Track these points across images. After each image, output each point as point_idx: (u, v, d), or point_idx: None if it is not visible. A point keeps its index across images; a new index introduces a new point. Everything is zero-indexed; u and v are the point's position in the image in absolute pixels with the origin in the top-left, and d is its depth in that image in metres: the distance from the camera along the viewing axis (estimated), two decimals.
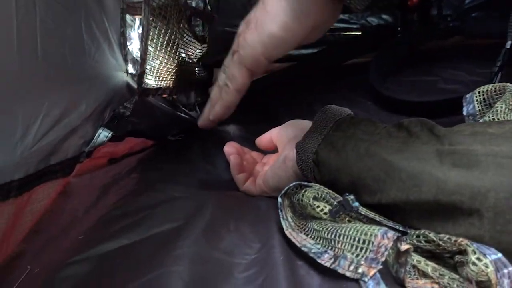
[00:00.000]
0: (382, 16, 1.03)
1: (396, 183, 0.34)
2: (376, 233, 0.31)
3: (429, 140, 0.35)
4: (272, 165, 0.49)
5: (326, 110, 0.46)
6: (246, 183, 0.52)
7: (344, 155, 0.39)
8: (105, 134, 0.49)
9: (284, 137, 0.51)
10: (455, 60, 0.89)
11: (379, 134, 0.39)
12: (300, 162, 0.44)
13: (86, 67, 0.45)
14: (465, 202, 0.31)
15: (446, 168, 0.32)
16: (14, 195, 0.35)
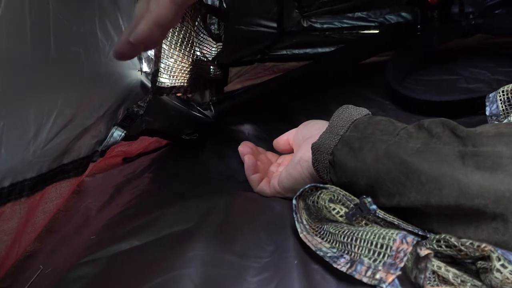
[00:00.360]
0: (401, 14, 1.01)
1: (416, 186, 0.33)
2: (394, 237, 0.30)
3: (451, 141, 0.33)
4: (287, 166, 0.48)
5: (343, 110, 0.45)
6: (260, 184, 0.51)
7: (361, 156, 0.38)
8: (118, 133, 0.49)
9: (299, 137, 0.49)
10: (476, 58, 0.86)
11: (398, 134, 0.37)
12: (316, 163, 0.42)
13: (100, 65, 0.44)
14: (489, 206, 0.29)
15: (469, 171, 0.31)
16: (27, 195, 0.35)
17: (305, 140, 0.47)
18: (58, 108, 0.38)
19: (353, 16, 1.01)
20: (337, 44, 0.99)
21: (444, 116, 0.64)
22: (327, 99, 0.78)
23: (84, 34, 0.41)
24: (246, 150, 0.54)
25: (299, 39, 1.00)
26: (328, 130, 0.43)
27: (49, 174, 0.38)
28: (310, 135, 0.47)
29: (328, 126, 0.43)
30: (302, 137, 0.49)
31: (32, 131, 0.35)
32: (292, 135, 0.52)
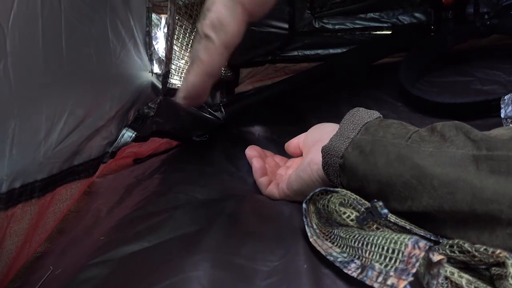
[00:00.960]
0: (414, 15, 0.99)
1: (428, 191, 0.32)
2: (406, 242, 0.30)
3: (465, 145, 0.33)
4: (296, 169, 0.48)
5: (354, 112, 0.44)
6: (269, 187, 0.51)
7: (372, 159, 0.37)
8: (129, 135, 0.49)
9: (309, 141, 0.49)
10: (491, 59, 0.84)
11: (410, 138, 0.36)
12: (326, 166, 0.42)
13: (111, 66, 0.44)
14: (504, 212, 0.29)
15: (483, 175, 0.30)
16: (37, 196, 0.35)
17: (315, 143, 0.47)
18: (69, 109, 0.38)
19: (366, 17, 1.00)
20: (349, 45, 0.98)
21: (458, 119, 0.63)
22: (338, 100, 0.78)
23: (96, 35, 0.41)
24: (253, 154, 0.54)
25: (311, 40, 0.99)
26: (338, 133, 0.42)
27: (60, 175, 0.38)
28: (320, 138, 0.46)
29: (338, 129, 0.43)
30: (312, 140, 0.48)
31: (43, 132, 0.35)
32: (302, 138, 0.52)
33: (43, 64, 0.34)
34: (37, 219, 0.37)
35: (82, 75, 0.40)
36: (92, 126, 0.42)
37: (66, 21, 0.36)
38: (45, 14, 0.34)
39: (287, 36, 0.96)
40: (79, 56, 0.39)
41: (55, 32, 0.36)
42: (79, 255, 0.38)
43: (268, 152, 0.57)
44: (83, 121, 0.40)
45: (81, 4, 0.38)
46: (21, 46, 0.31)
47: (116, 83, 0.45)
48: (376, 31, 0.99)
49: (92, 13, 0.40)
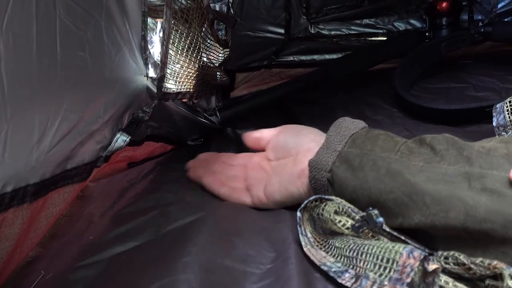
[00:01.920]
0: (409, 21, 1.00)
1: (420, 208, 0.32)
2: (401, 252, 0.29)
3: (457, 161, 0.32)
4: (280, 179, 0.44)
5: (339, 123, 0.42)
6: (234, 195, 0.47)
7: (361, 174, 0.36)
8: (123, 139, 0.48)
9: (284, 144, 0.46)
10: (485, 66, 0.85)
11: (399, 151, 0.36)
12: (313, 180, 0.40)
13: (106, 70, 0.44)
14: (498, 231, 0.28)
15: (476, 193, 0.30)
16: (29, 200, 0.35)
17: (302, 153, 0.43)
18: (63, 113, 0.38)
19: (361, 23, 1.00)
20: (344, 51, 0.99)
21: (452, 125, 0.63)
22: (334, 105, 0.78)
23: (91, 39, 0.41)
24: (196, 175, 0.50)
25: (307, 45, 0.99)
26: (325, 145, 0.41)
27: (52, 180, 0.38)
28: (306, 148, 0.43)
29: (324, 141, 0.41)
30: (291, 145, 0.45)
31: (36, 136, 0.35)
32: (269, 136, 0.48)
33: (36, 68, 0.34)
34: (29, 223, 0.36)
35: (76, 79, 0.40)
36: (86, 131, 0.41)
37: (61, 25, 0.36)
38: (39, 17, 0.33)
39: (283, 41, 0.97)
40: (73, 60, 0.39)
41: (50, 35, 0.35)
42: (71, 258, 0.37)
43: (210, 155, 0.54)
44: (76, 125, 0.40)
45: (76, 8, 0.38)
46: (14, 49, 0.31)
47: (111, 87, 0.45)
48: (371, 37, 1.00)
49: (87, 16, 0.40)
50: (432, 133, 0.59)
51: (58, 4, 0.36)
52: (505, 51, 0.94)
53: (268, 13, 0.92)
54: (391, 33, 1.00)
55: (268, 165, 0.48)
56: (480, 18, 0.97)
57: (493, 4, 0.96)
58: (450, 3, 0.92)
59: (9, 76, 0.31)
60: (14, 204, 0.33)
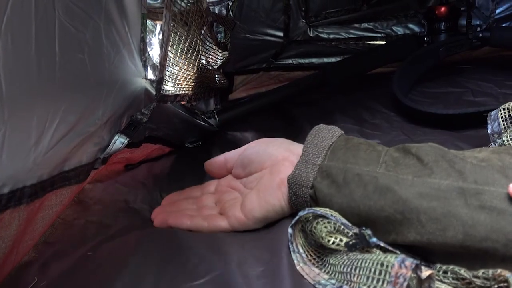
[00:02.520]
0: (408, 26, 1.00)
1: (415, 226, 0.31)
2: (392, 262, 0.28)
3: (449, 175, 0.31)
4: (258, 192, 0.40)
5: (314, 134, 0.40)
6: (208, 224, 0.42)
7: (347, 191, 0.34)
8: (121, 141, 0.48)
9: (254, 157, 0.43)
10: (483, 71, 0.85)
11: (385, 162, 0.34)
12: (294, 197, 0.38)
13: (105, 72, 0.44)
14: (499, 250, 0.28)
15: (474, 211, 0.29)
16: (26, 202, 0.35)
17: (279, 163, 0.41)
18: (61, 114, 0.38)
19: (360, 27, 1.00)
20: (343, 55, 0.99)
21: (450, 129, 0.63)
22: (332, 108, 0.78)
23: (90, 41, 0.41)
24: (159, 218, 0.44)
25: (305, 48, 1.00)
26: (303, 159, 0.38)
27: (49, 181, 0.38)
28: (282, 157, 0.41)
29: (302, 154, 0.39)
30: (266, 156, 0.42)
31: (34, 138, 0.35)
32: (235, 155, 0.45)
33: (35, 69, 0.34)
34: (25, 225, 0.36)
35: (74, 80, 0.40)
36: (84, 132, 0.41)
37: (60, 26, 0.36)
38: (38, 18, 0.33)
39: (281, 44, 0.97)
40: (72, 62, 0.39)
41: (49, 36, 0.35)
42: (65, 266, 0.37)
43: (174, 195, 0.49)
44: (74, 127, 0.40)
45: (75, 9, 0.38)
46: (13, 50, 0.31)
47: (109, 89, 0.45)
48: (370, 41, 1.00)
49: (86, 18, 0.40)
50: (430, 137, 0.60)
51: (58, 5, 0.36)
52: (503, 56, 0.95)
53: (267, 16, 0.92)
54: (389, 37, 1.00)
55: (239, 183, 0.45)
56: (478, 23, 0.97)
57: (491, 9, 0.96)
58: (449, 8, 0.92)
59: (8, 77, 0.31)
60: (11, 206, 0.33)
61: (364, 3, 0.99)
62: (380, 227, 0.33)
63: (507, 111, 0.44)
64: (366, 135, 0.64)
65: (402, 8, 1.00)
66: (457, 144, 0.56)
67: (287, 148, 0.42)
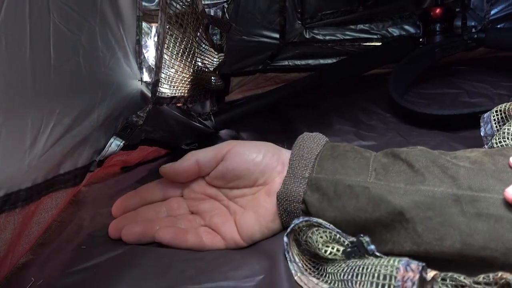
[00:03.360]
0: (403, 27, 1.01)
1: (411, 236, 0.30)
2: (397, 266, 0.28)
3: (442, 182, 0.30)
4: (258, 216, 0.38)
5: (299, 145, 0.38)
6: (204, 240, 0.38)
7: (339, 204, 0.33)
8: (117, 143, 0.48)
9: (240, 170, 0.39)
10: (479, 72, 0.86)
11: (374, 170, 0.34)
12: (285, 214, 0.37)
13: (100, 75, 0.44)
14: (498, 258, 0.27)
15: (471, 219, 0.28)
16: (21, 205, 0.35)
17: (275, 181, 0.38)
18: (56, 117, 0.38)
19: (356, 28, 1.01)
20: (339, 56, 0.99)
21: (446, 130, 0.63)
22: (328, 110, 0.78)
23: (85, 44, 0.41)
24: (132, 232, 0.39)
25: (301, 50, 1.00)
26: (290, 173, 0.37)
27: (45, 185, 0.38)
28: (276, 172, 0.39)
29: (289, 168, 0.37)
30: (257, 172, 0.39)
31: (28, 141, 0.35)
32: (213, 162, 0.40)
33: (30, 72, 0.34)
34: (21, 229, 0.36)
35: (70, 83, 0.39)
36: (79, 135, 0.41)
37: (55, 29, 0.36)
38: (33, 21, 0.33)
39: (278, 46, 0.97)
40: (67, 64, 0.39)
41: (44, 39, 0.35)
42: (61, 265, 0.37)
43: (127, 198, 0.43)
44: (70, 129, 0.39)
45: (70, 12, 0.38)
46: (7, 53, 0.31)
47: (105, 92, 0.45)
48: (366, 42, 1.00)
49: (81, 21, 0.40)
50: (426, 138, 0.60)
51: (52, 8, 0.36)
52: (498, 57, 0.95)
53: (263, 18, 0.92)
54: (385, 38, 1.01)
55: (216, 192, 0.41)
56: (473, 24, 0.98)
57: (486, 10, 0.97)
58: (444, 9, 0.92)
59: (2, 79, 0.31)
60: (6, 209, 0.33)
61: (359, 4, 0.99)
62: (377, 237, 0.32)
63: (500, 113, 0.43)
64: (363, 136, 0.65)
65: (398, 10, 1.00)
66: (453, 145, 0.56)
67: (279, 159, 0.39)
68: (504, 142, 0.38)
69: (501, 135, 0.39)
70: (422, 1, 1.00)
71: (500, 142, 0.39)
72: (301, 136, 0.40)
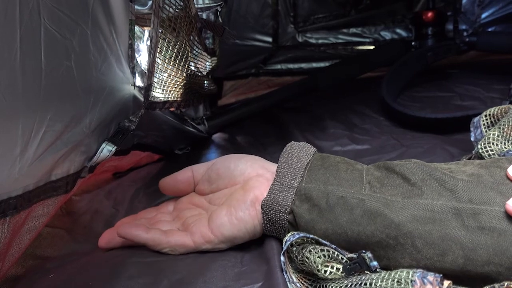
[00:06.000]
0: (396, 31, 1.01)
1: (409, 252, 0.29)
2: (412, 279, 0.26)
3: (440, 195, 0.29)
4: (230, 208, 0.37)
5: (287, 153, 0.37)
6: (169, 239, 0.37)
7: (332, 216, 0.32)
8: (108, 149, 0.47)
9: (223, 171, 0.39)
10: (471, 75, 0.87)
11: (369, 183, 0.33)
12: (269, 224, 0.35)
13: (92, 79, 0.43)
14: (502, 273, 0.26)
15: (473, 233, 0.27)
16: (12, 213, 0.34)
17: (253, 178, 0.38)
18: (47, 123, 0.37)
19: (348, 32, 1.01)
20: (331, 59, 0.99)
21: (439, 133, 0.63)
22: (322, 113, 0.78)
23: (76, 48, 0.40)
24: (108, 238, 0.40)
25: (294, 53, 1.00)
26: (278, 181, 0.35)
27: (36, 192, 0.37)
28: (256, 173, 0.38)
29: (276, 176, 0.36)
30: (238, 172, 0.39)
31: (19, 147, 0.34)
32: (204, 169, 0.41)
33: (20, 77, 0.33)
34: (11, 237, 0.35)
35: (61, 88, 0.39)
36: (71, 141, 0.40)
37: (46, 33, 0.35)
38: (23, 24, 0.33)
39: (270, 50, 0.97)
40: (58, 69, 0.38)
41: (34, 43, 0.35)
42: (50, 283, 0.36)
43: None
44: (61, 136, 0.39)
45: (61, 16, 0.37)
46: None
47: (97, 97, 0.44)
48: (358, 46, 1.01)
49: (73, 25, 0.39)
50: (419, 141, 0.60)
51: (43, 12, 0.35)
52: (490, 60, 0.96)
53: (256, 22, 0.92)
54: (377, 42, 1.01)
55: (202, 200, 0.42)
56: (465, 28, 0.99)
57: (477, 14, 0.98)
58: (436, 13, 0.93)
59: None
60: None
61: (352, 8, 1.00)
62: (371, 252, 0.30)
63: (489, 117, 0.43)
64: (357, 140, 0.64)
65: (390, 13, 1.01)
66: (446, 148, 0.56)
67: (262, 165, 0.39)
68: (489, 147, 0.38)
69: (486, 140, 0.38)
70: (414, 5, 1.01)
71: (485, 147, 0.38)
72: (289, 145, 0.38)
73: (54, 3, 0.36)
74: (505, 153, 0.36)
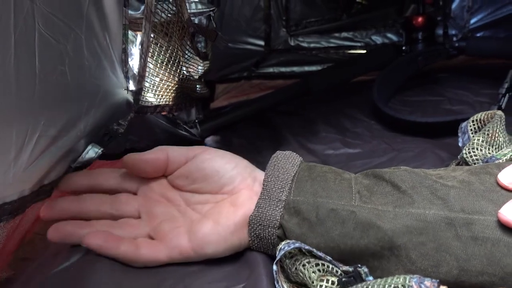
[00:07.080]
0: (386, 35, 1.03)
1: (404, 263, 0.29)
2: (409, 284, 0.25)
3: (432, 204, 0.29)
4: (218, 227, 0.34)
5: (274, 165, 0.36)
6: (141, 252, 0.34)
7: (323, 230, 0.31)
8: (95, 150, 0.47)
9: (207, 172, 0.37)
10: (460, 80, 0.88)
11: (358, 193, 0.32)
12: (257, 240, 0.34)
13: (86, 84, 0.43)
14: (496, 283, 0.27)
15: (466, 243, 0.27)
16: (6, 219, 0.34)
17: (242, 192, 0.36)
18: (41, 128, 0.37)
19: (340, 36, 1.02)
20: (323, 63, 1.00)
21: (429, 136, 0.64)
22: (314, 117, 0.79)
23: (71, 53, 0.40)
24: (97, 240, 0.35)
25: (286, 57, 1.01)
26: (265, 194, 0.34)
27: (30, 197, 0.37)
28: (245, 185, 0.36)
29: (263, 189, 0.34)
30: (226, 178, 0.36)
31: (13, 152, 0.34)
32: (183, 159, 0.38)
33: (14, 82, 0.33)
34: (5, 243, 0.35)
35: (55, 93, 0.39)
36: (65, 146, 0.40)
37: (40, 38, 0.35)
38: (18, 29, 0.33)
39: (263, 53, 0.98)
40: (52, 74, 0.38)
41: (28, 48, 0.35)
42: None
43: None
44: (55, 141, 0.39)
45: (56, 21, 0.37)
46: None
47: (91, 101, 0.44)
48: (350, 50, 1.02)
49: (67, 30, 0.39)
50: (410, 145, 0.61)
51: (38, 17, 0.35)
52: (479, 65, 0.98)
53: (248, 25, 0.92)
54: (368, 46, 1.02)
55: (176, 196, 0.38)
56: (454, 33, 1.00)
57: (466, 20, 0.99)
58: (426, 18, 0.94)
59: None
60: None
61: (343, 12, 1.01)
62: (364, 263, 0.30)
63: (476, 122, 0.43)
64: (348, 144, 0.65)
65: (381, 18, 1.02)
66: (437, 152, 0.57)
67: (250, 173, 0.37)
68: (474, 152, 0.38)
69: (471, 145, 0.39)
70: (404, 10, 1.02)
71: (470, 153, 0.39)
72: (275, 155, 0.37)
73: (49, 8, 0.36)
74: (488, 159, 0.36)
